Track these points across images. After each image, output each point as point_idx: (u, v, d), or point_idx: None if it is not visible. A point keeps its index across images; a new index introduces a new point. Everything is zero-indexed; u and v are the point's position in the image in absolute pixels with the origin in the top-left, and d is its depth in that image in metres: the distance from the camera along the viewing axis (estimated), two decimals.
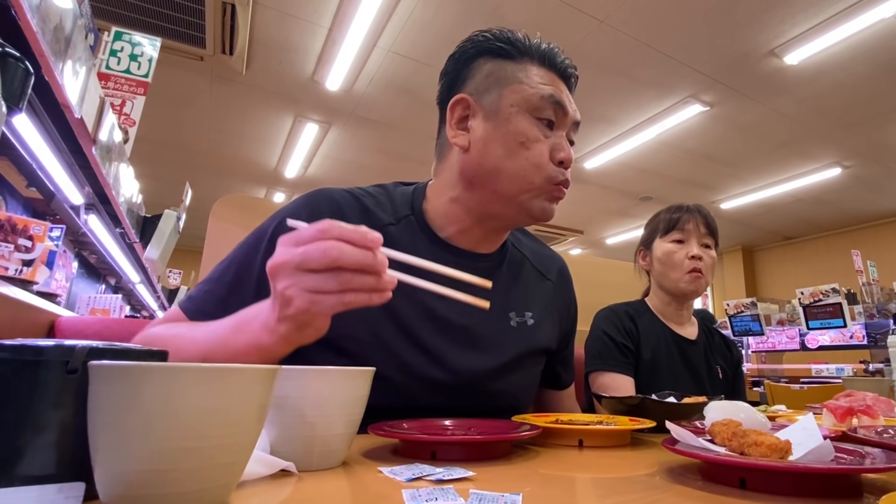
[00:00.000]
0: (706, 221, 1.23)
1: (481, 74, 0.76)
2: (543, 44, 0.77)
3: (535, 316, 0.84)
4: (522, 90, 0.74)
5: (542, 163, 0.73)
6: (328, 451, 0.48)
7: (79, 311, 2.23)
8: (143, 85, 1.98)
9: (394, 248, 0.60)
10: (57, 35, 0.94)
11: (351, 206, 0.76)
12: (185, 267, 6.22)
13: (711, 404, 0.64)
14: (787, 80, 3.92)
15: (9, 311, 0.81)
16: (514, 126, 0.73)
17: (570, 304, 0.97)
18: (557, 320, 0.91)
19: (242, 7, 3.20)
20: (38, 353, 0.34)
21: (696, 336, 1.27)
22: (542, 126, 0.74)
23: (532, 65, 0.76)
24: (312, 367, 0.48)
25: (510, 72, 0.75)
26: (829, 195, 6.22)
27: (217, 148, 5.35)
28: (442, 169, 0.80)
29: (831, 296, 3.57)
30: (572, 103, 0.77)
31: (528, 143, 0.73)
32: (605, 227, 7.71)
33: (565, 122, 0.76)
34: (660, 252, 1.24)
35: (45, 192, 1.97)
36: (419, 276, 0.52)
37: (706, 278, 1.20)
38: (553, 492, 0.44)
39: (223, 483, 0.34)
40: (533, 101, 0.73)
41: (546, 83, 0.75)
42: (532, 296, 0.87)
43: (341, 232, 0.46)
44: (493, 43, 0.76)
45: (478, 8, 3.25)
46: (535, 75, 0.75)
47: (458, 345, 0.76)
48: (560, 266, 0.96)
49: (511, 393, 0.81)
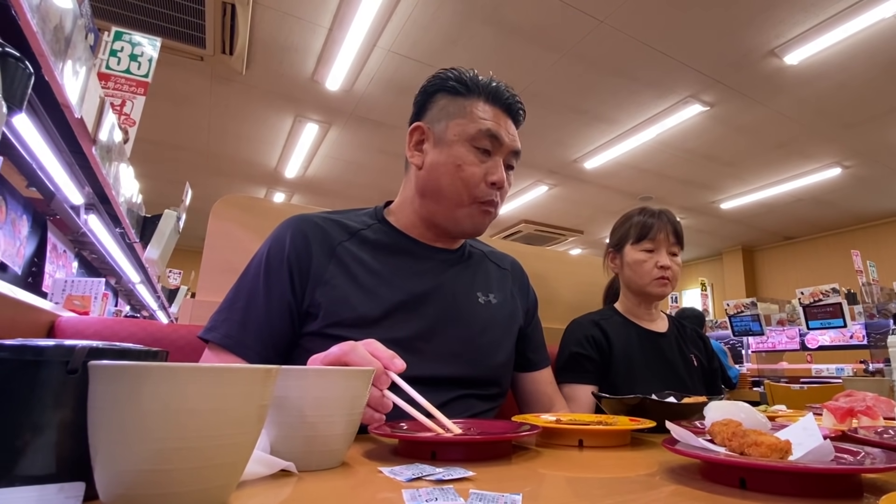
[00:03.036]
0: (675, 230, 1.29)
1: (437, 107, 0.91)
2: (493, 83, 0.91)
3: (497, 297, 0.97)
4: (464, 123, 0.87)
5: (473, 183, 0.87)
6: (328, 451, 0.48)
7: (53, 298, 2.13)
8: (143, 85, 1.98)
9: (370, 246, 0.90)
10: (57, 35, 0.94)
11: (327, 224, 0.90)
12: (185, 267, 6.21)
13: (711, 404, 0.64)
14: (787, 80, 3.92)
15: (9, 311, 0.81)
16: (455, 152, 0.87)
17: (527, 289, 1.08)
18: (520, 302, 1.03)
19: (242, 7, 3.20)
20: (38, 353, 0.34)
21: (667, 328, 1.33)
22: (479, 153, 0.87)
23: (479, 101, 0.89)
24: (312, 367, 0.48)
25: (459, 107, 0.89)
26: (829, 195, 6.22)
27: (217, 148, 5.35)
28: (406, 182, 0.97)
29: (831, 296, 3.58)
30: (510, 134, 0.90)
31: (463, 167, 0.86)
32: (605, 227, 7.70)
33: (501, 151, 0.89)
34: (630, 259, 1.30)
35: (45, 192, 1.97)
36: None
37: (672, 284, 1.28)
38: (553, 492, 0.44)
39: (223, 483, 0.34)
40: (471, 132, 0.87)
41: (487, 118, 0.88)
42: (493, 280, 1.00)
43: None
44: (448, 82, 0.90)
45: (478, 8, 3.25)
46: (479, 110, 0.88)
47: (436, 323, 0.86)
48: (512, 260, 1.10)
49: (489, 365, 0.90)
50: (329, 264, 0.84)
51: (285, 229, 0.87)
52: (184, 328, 0.98)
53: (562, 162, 5.53)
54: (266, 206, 1.26)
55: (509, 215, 7.15)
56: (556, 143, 5.09)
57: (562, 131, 4.87)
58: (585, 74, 3.91)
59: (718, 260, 8.84)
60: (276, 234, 0.87)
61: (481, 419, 0.81)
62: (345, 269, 0.84)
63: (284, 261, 0.83)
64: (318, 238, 0.86)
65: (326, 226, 0.89)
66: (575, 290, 1.64)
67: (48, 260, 2.37)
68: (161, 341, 0.96)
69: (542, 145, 5.14)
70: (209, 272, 1.15)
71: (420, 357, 0.79)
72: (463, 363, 0.86)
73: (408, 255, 0.91)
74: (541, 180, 6.02)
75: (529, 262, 1.16)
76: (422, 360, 0.80)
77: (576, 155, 5.36)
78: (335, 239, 0.87)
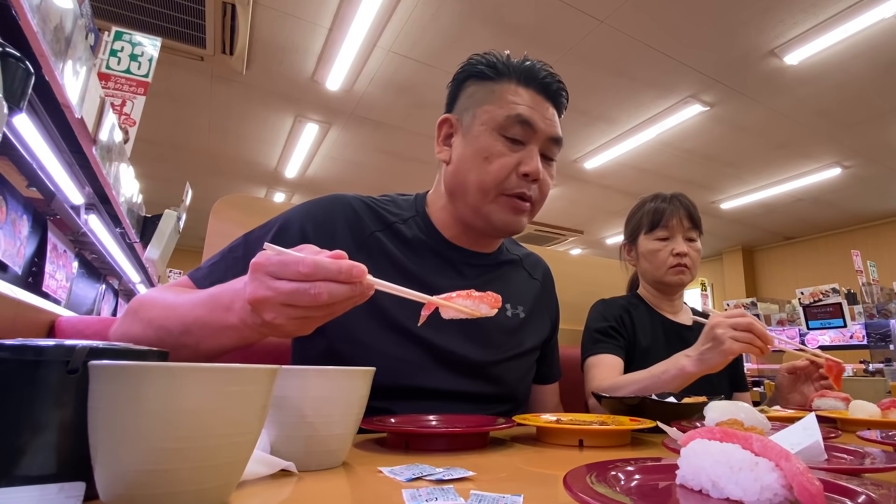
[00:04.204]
0: (689, 214, 1.23)
1: (465, 96, 0.83)
2: (527, 62, 0.81)
3: (525, 310, 0.91)
4: (492, 110, 0.78)
5: (502, 176, 0.77)
6: (328, 451, 0.48)
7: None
8: (144, 85, 1.98)
9: (402, 242, 0.79)
10: (57, 35, 0.95)
11: (363, 210, 0.82)
12: (185, 267, 6.22)
13: (711, 404, 0.64)
14: (787, 80, 3.92)
15: (9, 311, 0.81)
16: (481, 142, 0.78)
17: (553, 300, 1.04)
18: (547, 315, 0.99)
19: (243, 7, 3.20)
20: (39, 353, 0.34)
21: (693, 322, 1.28)
22: (508, 142, 0.78)
23: (511, 84, 0.80)
24: (312, 367, 0.48)
25: (487, 92, 0.80)
26: (829, 195, 6.22)
27: (217, 148, 5.35)
28: (438, 180, 0.88)
29: (831, 296, 3.57)
30: (547, 119, 0.80)
31: (490, 158, 0.77)
32: (605, 227, 7.71)
33: (535, 138, 0.79)
34: (645, 249, 1.25)
35: (45, 192, 1.97)
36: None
37: (692, 271, 1.22)
38: (553, 492, 0.44)
39: (223, 483, 0.34)
40: (499, 119, 0.78)
41: (520, 102, 0.79)
42: (523, 293, 0.94)
43: (327, 275, 0.46)
44: (477, 66, 0.82)
45: (478, 8, 3.25)
46: (510, 94, 0.79)
47: (458, 336, 0.80)
48: (544, 268, 1.04)
49: (508, 380, 0.86)
50: (357, 253, 0.76)
51: (314, 203, 0.81)
52: None
53: (562, 162, 5.53)
54: (266, 206, 1.26)
55: None
56: None
57: (562, 131, 4.86)
58: (585, 74, 3.91)
59: (718, 260, 8.85)
60: (304, 205, 0.81)
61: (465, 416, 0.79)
62: (373, 262, 0.75)
63: (299, 228, 0.77)
64: (349, 220, 0.79)
65: (361, 210, 0.82)
66: (575, 291, 1.64)
67: (48, 260, 2.37)
68: None
69: None
70: None
71: (438, 370, 0.77)
72: (482, 381, 0.82)
73: (441, 259, 0.84)
74: None
75: None
76: (440, 373, 0.77)
77: (576, 155, 5.36)
78: (368, 227, 0.80)
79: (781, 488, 0.31)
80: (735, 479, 0.33)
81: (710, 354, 0.88)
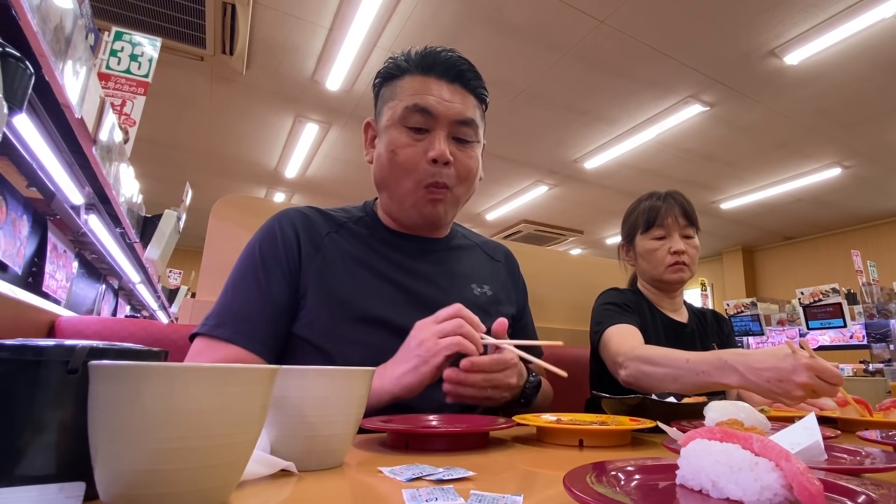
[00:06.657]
0: (684, 211, 1.23)
1: (380, 99, 0.87)
2: (426, 50, 0.83)
3: (492, 289, 0.95)
4: (394, 105, 0.81)
5: (412, 166, 0.80)
6: (328, 451, 0.48)
7: None
8: (144, 85, 1.98)
9: (355, 238, 0.87)
10: (57, 35, 0.94)
11: (314, 215, 0.88)
12: (185, 267, 6.21)
13: (711, 404, 0.64)
14: (787, 80, 3.92)
15: (9, 311, 0.81)
16: (387, 139, 0.81)
17: (519, 280, 1.06)
18: (513, 295, 1.01)
19: (242, 7, 3.20)
20: (39, 353, 0.34)
21: (688, 319, 1.30)
22: (413, 132, 0.80)
23: (411, 77, 0.82)
24: (312, 367, 0.48)
25: (392, 90, 0.83)
26: (829, 195, 6.22)
27: (217, 148, 5.35)
28: None
29: (831, 296, 3.57)
30: (445, 102, 0.80)
31: (397, 150, 0.80)
32: (605, 227, 7.70)
33: (439, 123, 0.80)
34: (642, 249, 1.26)
35: (45, 192, 1.96)
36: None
37: (691, 269, 1.22)
38: (553, 492, 0.44)
39: (223, 483, 0.34)
40: (398, 113, 0.80)
41: (416, 92, 0.80)
42: (487, 273, 0.97)
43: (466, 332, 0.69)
44: (385, 69, 0.86)
45: (477, 8, 3.25)
46: (408, 88, 0.81)
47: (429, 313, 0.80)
48: (506, 252, 1.07)
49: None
50: (317, 256, 0.82)
51: (274, 222, 0.85)
52: (184, 328, 0.98)
53: (562, 162, 5.53)
54: (266, 206, 1.26)
55: (509, 215, 7.14)
56: (556, 143, 5.09)
57: (562, 131, 4.86)
58: (585, 74, 3.91)
59: (718, 260, 8.85)
60: (266, 227, 0.85)
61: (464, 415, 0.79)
62: (332, 261, 0.82)
63: (280, 251, 0.80)
64: (305, 228, 0.84)
65: (312, 215, 0.87)
66: (574, 291, 1.64)
67: (48, 260, 2.37)
68: (161, 341, 0.96)
69: (542, 145, 5.14)
70: (209, 272, 1.15)
71: None
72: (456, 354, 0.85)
73: (392, 247, 0.88)
74: (541, 180, 6.02)
75: (529, 261, 1.16)
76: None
77: (576, 155, 5.36)
78: (322, 230, 0.85)
79: (781, 488, 0.31)
80: (735, 479, 0.33)
81: (770, 389, 0.78)
